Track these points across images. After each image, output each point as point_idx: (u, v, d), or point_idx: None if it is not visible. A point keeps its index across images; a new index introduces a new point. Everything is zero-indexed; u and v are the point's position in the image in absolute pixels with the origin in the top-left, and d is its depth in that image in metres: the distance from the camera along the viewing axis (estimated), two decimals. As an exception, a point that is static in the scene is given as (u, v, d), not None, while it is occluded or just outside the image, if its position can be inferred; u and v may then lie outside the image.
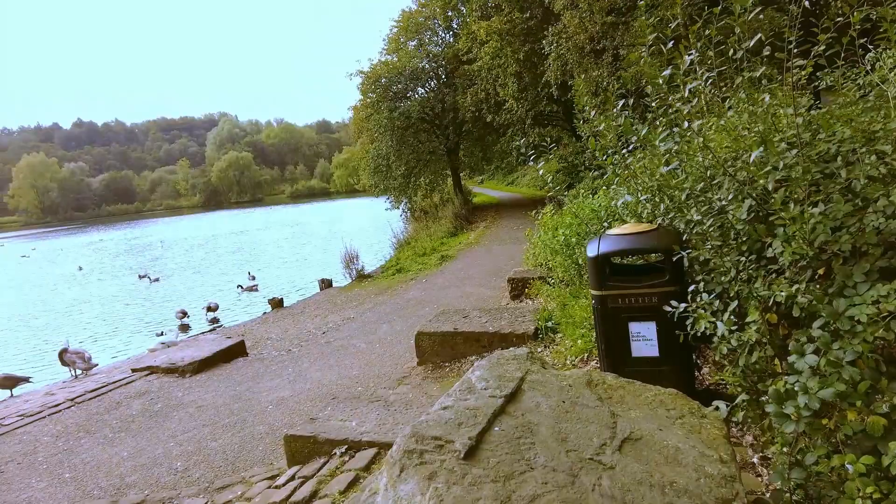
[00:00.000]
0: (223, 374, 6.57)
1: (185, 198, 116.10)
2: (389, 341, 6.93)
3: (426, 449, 1.85)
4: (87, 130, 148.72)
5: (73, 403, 6.17)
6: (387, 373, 5.66)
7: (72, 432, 5.28)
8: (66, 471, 4.40)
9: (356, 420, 3.73)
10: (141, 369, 7.05)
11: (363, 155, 27.47)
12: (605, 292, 3.28)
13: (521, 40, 15.24)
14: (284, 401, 5.27)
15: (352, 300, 11.16)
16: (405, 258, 14.87)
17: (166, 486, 3.89)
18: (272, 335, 8.98)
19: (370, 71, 23.93)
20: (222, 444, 4.43)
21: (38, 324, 16.83)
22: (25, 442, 5.20)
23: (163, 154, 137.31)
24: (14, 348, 14.09)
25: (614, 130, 4.24)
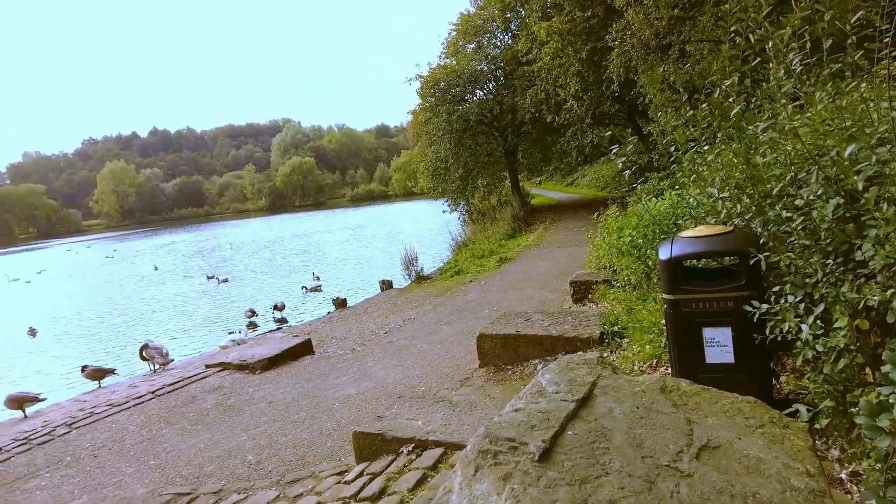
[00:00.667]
0: (291, 371, 6.81)
1: (252, 201, 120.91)
2: (450, 342, 6.98)
3: (500, 450, 1.86)
4: (161, 138, 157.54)
5: (154, 396, 6.56)
6: (448, 374, 5.70)
7: (154, 423, 5.61)
8: (151, 458, 4.68)
9: (422, 419, 3.78)
10: (214, 365, 7.40)
11: (421, 158, 27.76)
12: (678, 296, 3.19)
13: (583, 39, 15.00)
14: (350, 398, 5.40)
15: (412, 301, 11.31)
16: (463, 260, 14.91)
17: (241, 477, 4.07)
18: (337, 334, 9.22)
19: (429, 75, 24.17)
20: (292, 439, 4.59)
21: (117, 322, 17.96)
22: (114, 430, 5.56)
23: (230, 160, 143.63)
24: (101, 343, 15.09)
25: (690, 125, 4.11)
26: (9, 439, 5.76)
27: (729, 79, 3.29)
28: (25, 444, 5.53)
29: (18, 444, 5.54)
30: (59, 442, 5.49)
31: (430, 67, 24.71)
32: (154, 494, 3.98)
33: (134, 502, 3.92)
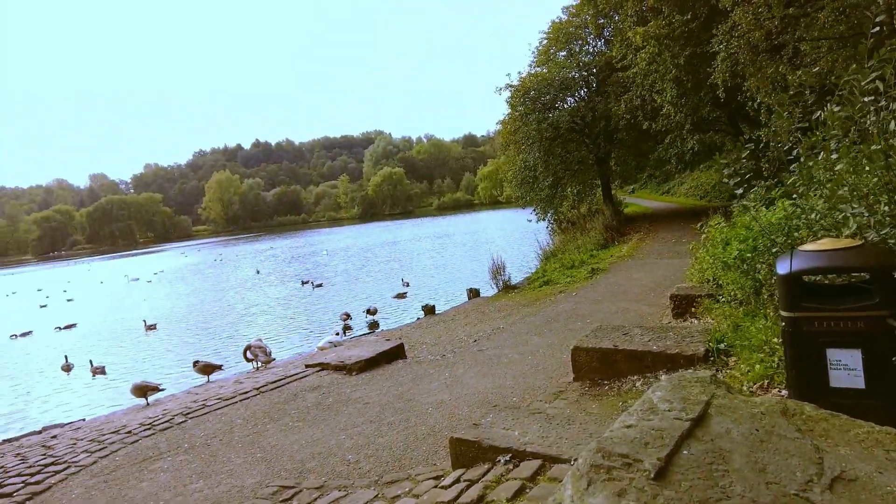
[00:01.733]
0: (385, 374, 7.01)
1: (345, 210, 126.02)
2: (542, 354, 6.90)
3: (613, 465, 1.82)
4: (263, 150, 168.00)
5: (259, 392, 6.97)
6: (541, 386, 5.64)
7: (259, 418, 5.96)
8: (257, 451, 4.98)
9: (518, 430, 3.77)
10: (314, 365, 7.76)
11: (509, 167, 27.71)
12: (799, 314, 2.98)
13: (681, 44, 14.41)
14: (443, 404, 5.48)
15: (500, 310, 11.29)
16: (552, 270, 14.69)
17: (340, 475, 4.24)
18: (427, 340, 9.38)
19: (519, 84, 24.15)
20: (388, 441, 4.72)
21: (223, 321, 19.28)
22: (224, 422, 5.97)
23: (326, 170, 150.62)
24: (209, 340, 16.27)
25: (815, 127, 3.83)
26: (136, 423, 6.35)
27: (866, 76, 3.04)
28: (150, 429, 6.07)
29: (144, 429, 6.10)
30: (178, 429, 5.98)
31: (521, 76, 24.69)
32: (262, 485, 4.23)
33: (244, 490, 4.18)
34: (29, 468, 5.41)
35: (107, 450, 5.63)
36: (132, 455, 5.38)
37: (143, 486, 4.59)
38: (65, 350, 16.93)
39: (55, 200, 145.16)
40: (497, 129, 31.32)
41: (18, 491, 4.87)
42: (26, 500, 4.68)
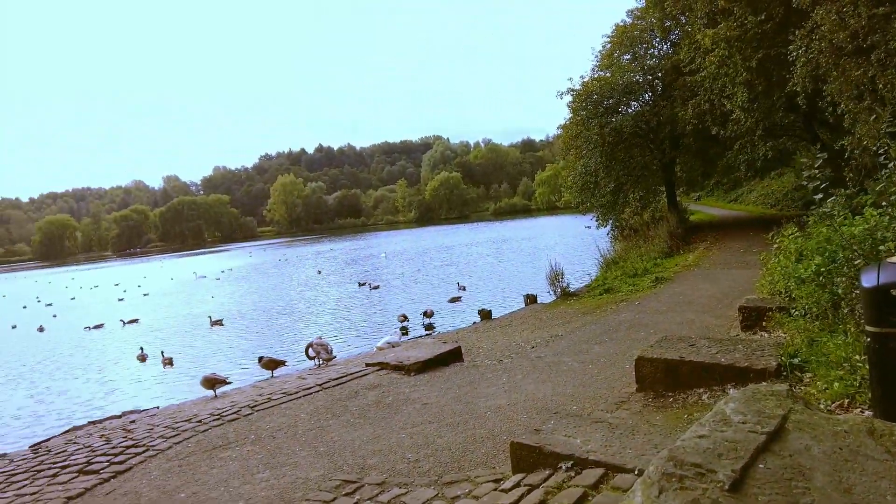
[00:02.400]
0: (443, 376, 7.07)
1: (402, 213, 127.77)
2: (602, 363, 6.78)
3: (686, 474, 1.80)
4: (325, 155, 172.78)
5: (321, 388, 7.19)
6: (602, 395, 5.55)
7: (321, 413, 6.15)
8: (321, 445, 5.14)
9: (580, 438, 3.73)
10: (373, 364, 7.93)
11: (569, 172, 27.33)
12: (887, 329, 2.82)
13: (754, 46, 13.83)
14: (501, 409, 5.48)
15: (558, 318, 11.16)
16: (613, 278, 14.39)
17: (400, 472, 4.32)
18: (483, 345, 9.39)
19: (581, 88, 23.81)
20: (447, 442, 4.77)
21: (286, 319, 19.92)
22: (288, 416, 6.20)
23: (385, 174, 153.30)
24: (272, 336, 16.86)
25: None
26: (206, 413, 6.68)
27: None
28: (219, 419, 6.37)
29: (214, 419, 6.40)
30: (245, 421, 6.24)
31: (583, 80, 24.34)
32: (325, 478, 4.36)
33: (308, 483, 4.33)
34: (112, 448, 5.79)
35: (180, 436, 5.95)
36: (203, 443, 5.67)
37: (214, 472, 4.83)
38: (135, 342, 18.02)
39: (132, 200, 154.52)
40: (557, 134, 31.02)
41: (104, 469, 5.23)
42: (111, 478, 5.02)
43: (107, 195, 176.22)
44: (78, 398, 12.73)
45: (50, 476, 5.30)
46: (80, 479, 5.10)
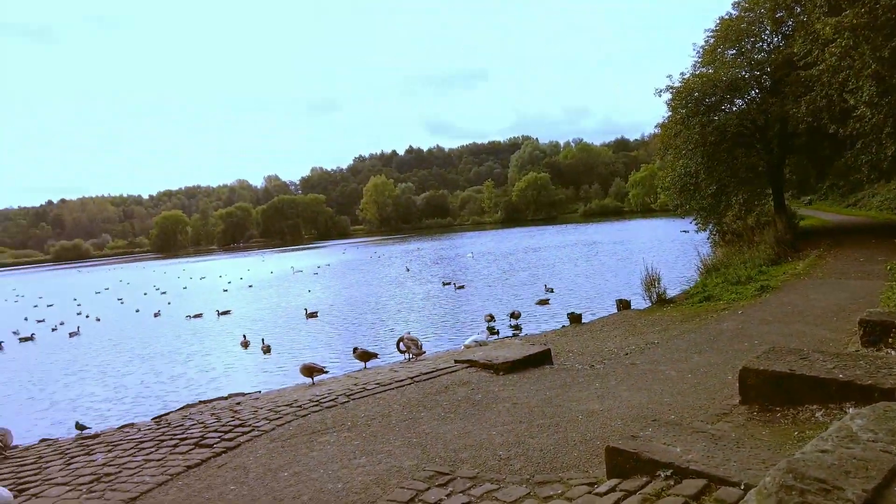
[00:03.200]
0: (532, 377, 7.04)
1: (489, 214, 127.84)
2: (702, 373, 6.47)
3: (807, 489, 1.70)
4: (415, 156, 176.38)
5: (412, 381, 7.38)
6: (702, 405, 5.31)
7: (413, 405, 6.32)
8: (413, 436, 5.30)
9: (680, 447, 3.60)
10: (462, 361, 8.03)
11: (667, 173, 26.16)
12: None
13: (886, 34, 12.59)
14: (594, 413, 5.39)
15: (653, 325, 10.75)
16: (713, 285, 13.64)
17: (492, 468, 4.36)
18: (573, 349, 9.25)
19: (681, 85, 22.73)
20: (539, 443, 4.76)
21: (376, 314, 20.58)
22: (382, 406, 6.43)
23: (472, 175, 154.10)
24: (362, 330, 17.49)
25: None
26: (306, 399, 7.07)
27: None
28: (317, 406, 6.72)
29: (313, 405, 6.76)
30: (341, 409, 6.54)
31: (683, 77, 23.23)
32: (418, 468, 4.49)
33: (402, 471, 4.48)
34: (223, 426, 6.27)
35: (282, 419, 6.34)
36: (303, 427, 6.01)
37: (314, 455, 5.11)
38: (237, 330, 19.38)
39: (236, 198, 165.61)
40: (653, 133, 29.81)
41: (216, 444, 5.69)
42: (222, 452, 5.45)
43: (214, 193, 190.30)
44: (188, 378, 13.93)
45: (171, 446, 5.84)
46: (197, 451, 5.57)
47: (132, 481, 4.96)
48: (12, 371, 16.67)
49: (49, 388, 14.18)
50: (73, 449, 6.39)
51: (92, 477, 5.21)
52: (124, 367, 15.87)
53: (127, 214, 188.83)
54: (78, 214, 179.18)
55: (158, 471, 5.15)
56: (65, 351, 19.24)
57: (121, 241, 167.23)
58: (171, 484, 4.82)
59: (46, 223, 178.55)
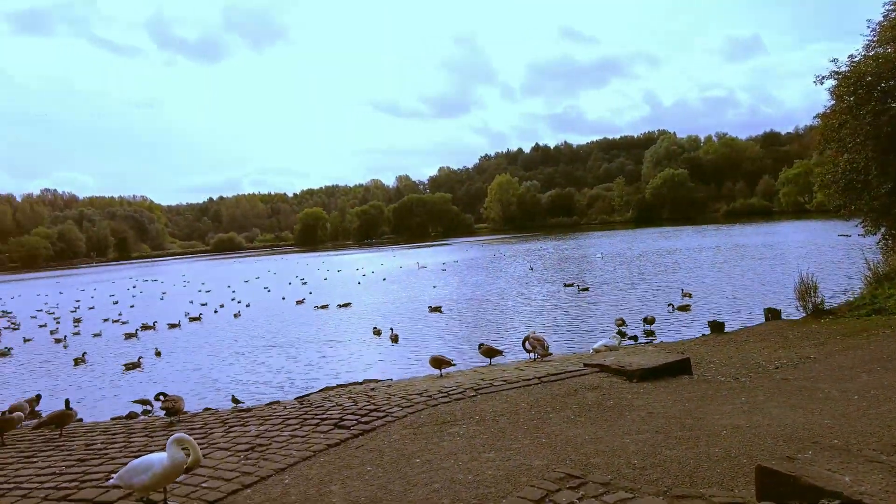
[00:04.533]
0: (669, 387, 6.66)
1: (618, 213, 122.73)
2: (873, 395, 5.71)
3: None
4: (541, 154, 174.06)
5: (540, 382, 7.31)
6: (873, 432, 4.68)
7: (541, 405, 6.26)
8: (542, 436, 5.24)
9: (849, 476, 3.20)
10: (592, 365, 7.81)
11: (828, 169, 23.31)
12: None
13: None
14: (740, 429, 4.97)
15: (808, 337, 9.69)
16: (885, 297, 11.99)
17: (626, 476, 4.19)
18: (714, 359, 8.60)
19: (849, 70, 20.10)
20: (677, 455, 4.49)
21: (497, 312, 20.63)
22: (509, 403, 6.44)
23: (602, 172, 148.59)
24: (484, 327, 17.65)
25: None
26: (435, 390, 7.28)
27: None
28: (447, 397, 6.90)
29: (442, 396, 6.95)
30: (469, 402, 6.66)
31: (853, 61, 20.52)
32: (548, 468, 4.44)
33: (532, 470, 4.45)
34: (359, 410, 6.66)
35: (413, 408, 6.59)
36: (433, 416, 6.20)
37: (444, 444, 5.25)
38: (368, 321, 20.51)
39: (370, 197, 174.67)
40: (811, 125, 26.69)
41: (354, 426, 6.06)
42: (359, 434, 5.79)
43: (351, 192, 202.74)
44: (324, 362, 15.06)
45: (313, 425, 6.31)
46: (336, 432, 5.97)
47: (281, 453, 5.43)
48: (183, 346, 19.07)
49: (208, 363, 16.01)
50: (231, 419, 7.14)
51: (248, 446, 5.79)
52: (268, 348, 17.48)
53: (274, 211, 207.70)
54: (233, 210, 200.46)
55: (303, 446, 5.59)
56: (224, 331, 21.62)
57: (268, 235, 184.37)
58: (314, 460, 5.21)
59: (207, 218, 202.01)
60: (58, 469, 5.65)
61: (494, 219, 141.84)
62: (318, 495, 4.32)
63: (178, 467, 4.20)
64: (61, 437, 7.12)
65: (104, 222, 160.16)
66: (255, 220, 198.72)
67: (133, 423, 8.01)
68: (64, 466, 5.73)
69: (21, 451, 6.61)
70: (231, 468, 5.11)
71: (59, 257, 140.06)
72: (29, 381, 15.27)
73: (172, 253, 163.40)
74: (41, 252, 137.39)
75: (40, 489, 5.07)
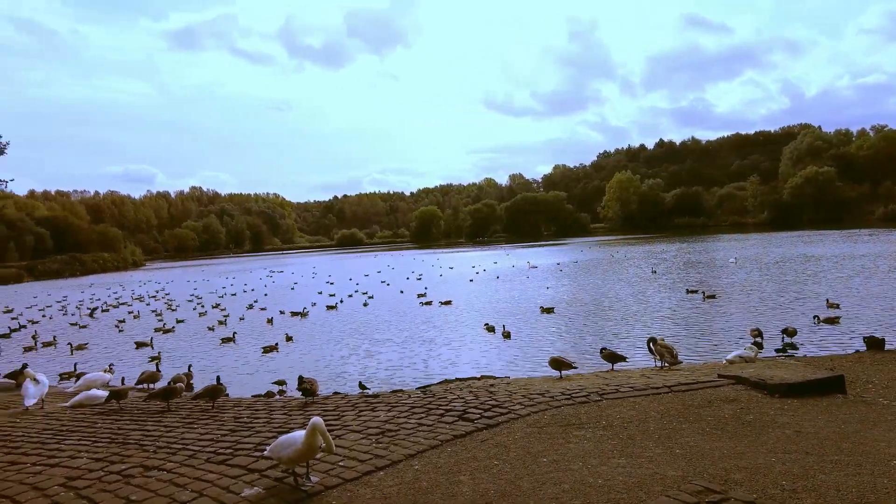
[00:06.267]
0: (818, 406, 6.07)
1: (752, 215, 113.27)
2: None
3: None
4: (666, 150, 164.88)
5: (670, 391, 6.97)
6: None
7: (672, 415, 5.97)
8: (676, 447, 5.00)
9: None
10: (727, 377, 7.31)
11: None
12: None
13: None
14: (913, 460, 4.41)
15: None
16: None
17: (773, 497, 3.88)
18: (874, 379, 7.68)
19: None
20: (834, 481, 4.08)
21: (615, 316, 19.94)
22: (638, 410, 6.21)
23: (733, 170, 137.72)
24: (600, 330, 17.12)
25: None
26: (557, 392, 7.21)
27: None
28: (570, 400, 6.80)
29: (565, 398, 6.87)
30: (594, 406, 6.51)
31: None
32: (684, 480, 4.23)
33: (665, 480, 4.27)
34: (481, 405, 6.76)
35: (536, 407, 6.57)
36: (557, 418, 6.14)
37: (571, 446, 5.19)
38: (479, 317, 20.69)
39: (483, 195, 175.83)
40: None
41: (478, 419, 6.17)
42: (483, 429, 5.89)
43: (464, 190, 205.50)
44: (440, 354, 15.47)
45: (438, 415, 6.51)
46: (461, 423, 6.11)
47: (409, 440, 5.67)
48: (313, 333, 20.51)
49: (335, 350, 17.06)
50: (361, 404, 7.56)
51: (378, 430, 6.10)
52: (386, 339, 18.27)
53: (392, 209, 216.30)
54: (355, 208, 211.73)
55: (430, 435, 5.79)
56: (351, 320, 22.95)
57: (386, 232, 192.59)
58: (442, 449, 5.38)
59: (332, 214, 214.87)
60: (213, 436, 6.32)
61: (612, 218, 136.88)
62: (448, 484, 4.46)
63: (314, 449, 4.54)
64: (213, 409, 7.94)
65: (241, 217, 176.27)
66: (375, 217, 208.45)
67: (272, 402, 8.74)
68: (219, 434, 6.39)
69: (183, 418, 7.47)
70: (364, 450, 5.42)
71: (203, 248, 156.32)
72: (186, 357, 17.20)
73: (300, 246, 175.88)
74: (189, 243, 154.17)
75: (202, 452, 5.70)
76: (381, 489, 4.46)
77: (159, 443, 6.14)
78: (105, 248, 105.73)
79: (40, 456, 5.95)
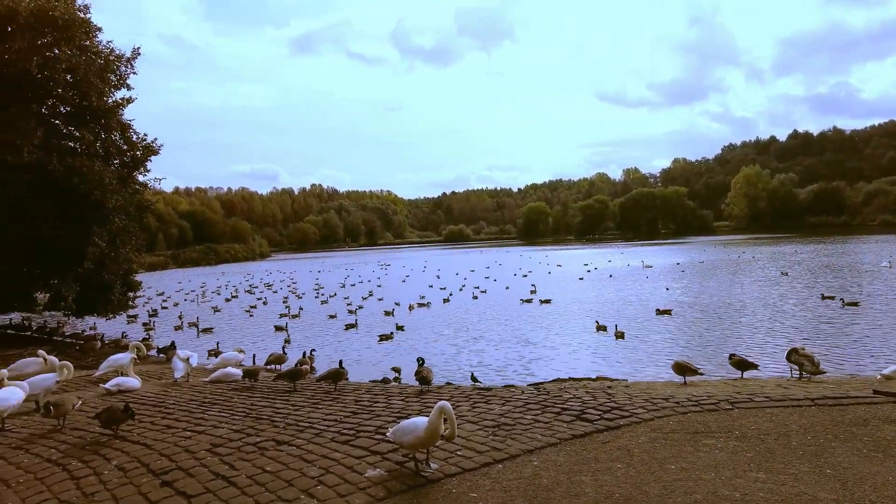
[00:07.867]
0: None
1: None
2: None
3: None
4: (801, 142, 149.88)
5: (814, 404, 6.30)
6: None
7: (818, 431, 5.38)
8: (826, 466, 4.49)
9: None
10: (885, 394, 6.47)
11: None
12: None
13: None
14: None
15: None
16: None
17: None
18: None
19: None
20: None
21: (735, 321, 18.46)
22: (776, 422, 5.67)
23: (885, 162, 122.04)
24: (723, 335, 15.94)
25: None
26: (683, 397, 6.78)
27: None
28: (697, 406, 6.37)
29: (692, 404, 6.43)
30: (725, 415, 6.04)
31: None
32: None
33: (817, 502, 3.85)
34: (600, 406, 6.52)
35: (660, 412, 6.22)
36: (684, 424, 5.77)
37: (700, 455, 4.84)
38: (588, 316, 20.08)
39: (595, 191, 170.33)
40: None
41: (597, 421, 5.95)
42: (603, 430, 5.67)
43: (574, 186, 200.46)
44: (550, 351, 15.22)
45: (554, 413, 6.36)
46: (579, 423, 5.93)
47: (526, 436, 5.59)
48: (426, 324, 21.06)
49: (445, 341, 17.37)
50: (474, 396, 7.59)
51: (493, 423, 6.08)
52: (496, 334, 18.28)
53: (499, 205, 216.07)
54: (463, 204, 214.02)
55: (547, 432, 5.67)
56: (461, 313, 23.32)
57: (493, 228, 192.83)
58: (560, 447, 5.25)
59: (441, 210, 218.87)
60: (337, 417, 6.65)
61: (738, 216, 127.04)
62: (570, 483, 4.34)
63: (436, 434, 4.59)
64: (335, 391, 8.37)
65: (357, 213, 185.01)
66: (482, 213, 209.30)
67: (389, 387, 9.04)
68: (342, 416, 6.72)
69: (308, 398, 7.95)
70: (481, 441, 5.43)
71: (323, 241, 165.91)
72: (308, 340, 18.37)
73: (411, 241, 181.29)
74: (310, 237, 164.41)
75: (328, 431, 6.02)
76: (501, 482, 4.44)
77: (288, 420, 6.57)
78: (236, 240, 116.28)
79: (189, 423, 6.61)
